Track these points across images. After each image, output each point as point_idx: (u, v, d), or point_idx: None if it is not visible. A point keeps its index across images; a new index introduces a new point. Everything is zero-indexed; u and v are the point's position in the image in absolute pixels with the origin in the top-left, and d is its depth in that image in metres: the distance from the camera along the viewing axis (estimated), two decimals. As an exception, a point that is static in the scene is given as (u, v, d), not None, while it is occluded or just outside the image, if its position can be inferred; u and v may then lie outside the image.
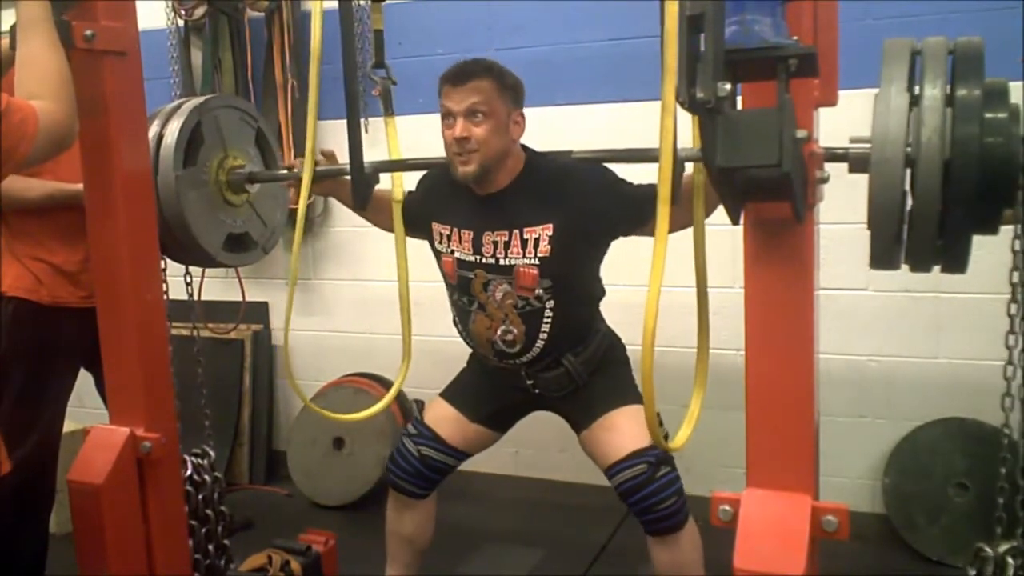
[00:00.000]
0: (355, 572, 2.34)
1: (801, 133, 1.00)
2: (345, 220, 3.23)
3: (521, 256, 1.86)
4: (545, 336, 1.89)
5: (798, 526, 1.16)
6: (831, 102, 1.27)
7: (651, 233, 1.06)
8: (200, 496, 1.91)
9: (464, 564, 2.56)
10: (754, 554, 1.15)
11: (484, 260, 1.89)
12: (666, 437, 1.25)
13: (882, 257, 1.18)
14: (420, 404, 3.12)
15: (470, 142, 1.80)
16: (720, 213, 1.21)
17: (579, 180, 1.85)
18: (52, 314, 2.06)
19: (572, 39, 2.87)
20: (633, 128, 2.69)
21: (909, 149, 1.09)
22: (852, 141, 1.20)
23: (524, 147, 1.94)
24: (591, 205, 1.83)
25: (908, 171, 1.10)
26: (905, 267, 1.20)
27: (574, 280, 1.90)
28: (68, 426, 2.23)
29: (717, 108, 0.91)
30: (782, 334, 1.22)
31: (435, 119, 1.90)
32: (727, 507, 1.20)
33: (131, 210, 1.63)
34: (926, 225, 1.11)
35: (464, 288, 1.94)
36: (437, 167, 1.95)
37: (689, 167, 1.45)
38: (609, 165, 1.89)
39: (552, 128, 2.88)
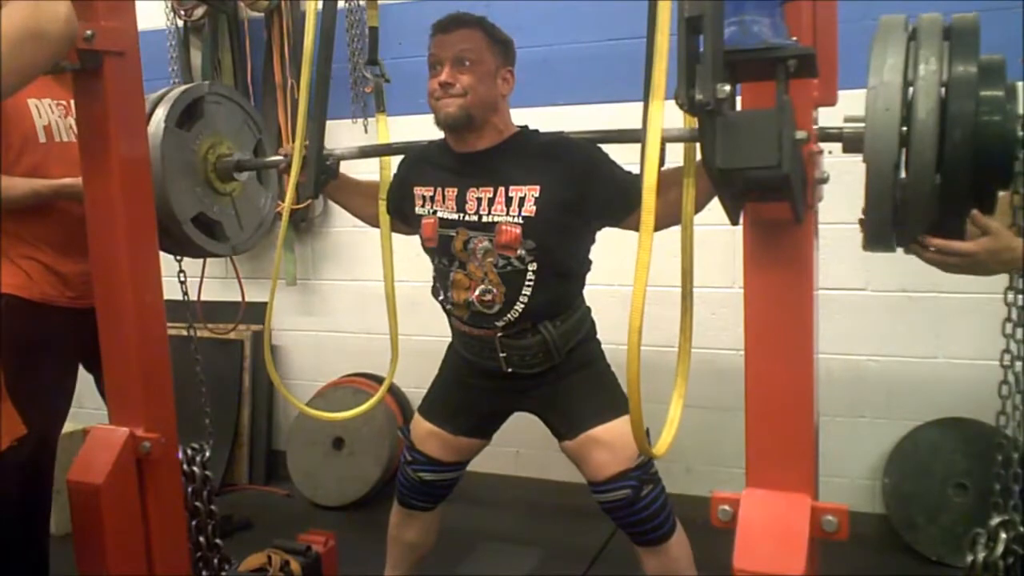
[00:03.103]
0: (355, 572, 2.34)
1: (801, 134, 1.00)
2: (345, 220, 3.22)
3: (504, 213, 1.80)
4: (525, 299, 1.82)
5: (798, 526, 1.16)
6: (830, 102, 1.27)
7: (636, 226, 1.05)
8: (189, 488, 1.88)
9: (464, 565, 2.56)
10: (754, 554, 1.15)
11: (467, 217, 1.84)
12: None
13: (877, 238, 1.17)
14: (406, 414, 3.13)
15: (455, 87, 1.77)
16: (719, 213, 1.21)
17: (573, 152, 1.81)
18: (42, 311, 2.06)
19: (572, 39, 2.88)
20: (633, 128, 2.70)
21: (904, 128, 1.08)
22: (847, 120, 1.18)
23: (523, 125, 1.92)
24: (581, 177, 1.78)
25: (904, 150, 1.09)
26: (904, 268, 1.20)
27: (558, 248, 1.83)
28: (68, 427, 2.23)
29: (716, 109, 0.91)
30: (782, 334, 1.22)
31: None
32: (727, 507, 1.20)
33: (130, 211, 1.62)
34: (920, 205, 1.10)
35: (444, 248, 1.88)
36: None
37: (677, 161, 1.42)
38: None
39: (551, 128, 2.88)
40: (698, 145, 1.08)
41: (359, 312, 3.28)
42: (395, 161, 2.08)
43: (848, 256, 2.34)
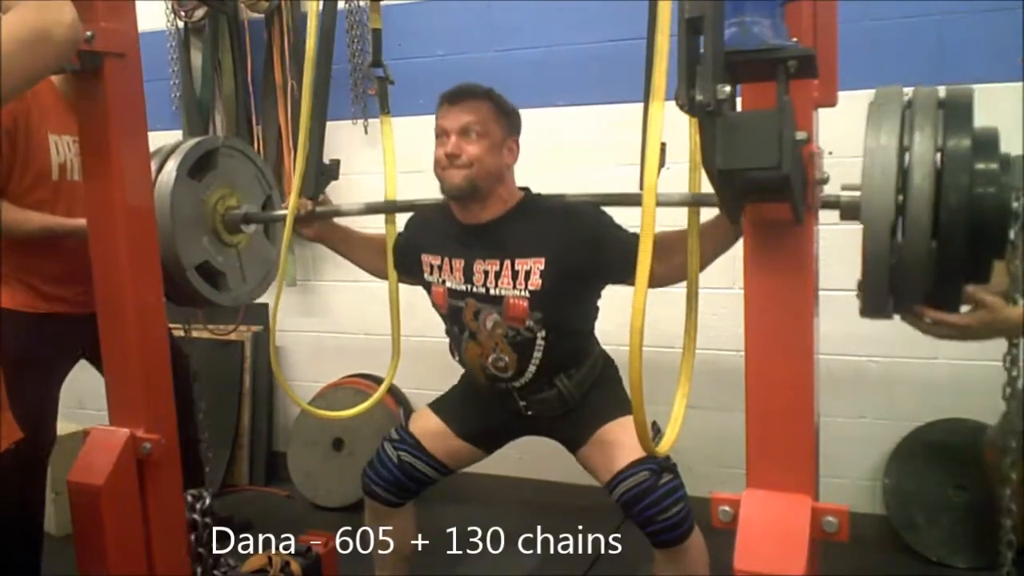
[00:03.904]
0: (354, 573, 2.33)
1: (801, 135, 1.00)
2: (345, 221, 3.23)
3: (511, 287, 1.84)
4: (537, 363, 1.89)
5: (798, 527, 1.16)
6: (831, 103, 1.27)
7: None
8: (192, 536, 1.88)
9: (464, 565, 2.56)
10: (754, 555, 1.15)
11: (475, 289, 1.88)
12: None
13: (873, 306, 1.20)
14: (407, 413, 3.13)
15: (461, 158, 1.80)
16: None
17: (575, 220, 1.84)
18: (23, 318, 2.10)
19: (571, 40, 2.88)
20: (631, 130, 2.70)
21: (900, 197, 1.10)
22: (844, 188, 1.22)
23: (525, 189, 1.94)
24: (584, 246, 1.81)
25: (900, 219, 1.12)
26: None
27: (565, 315, 1.88)
28: (68, 428, 2.23)
29: (716, 110, 0.91)
30: (782, 335, 1.22)
31: (434, 121, 1.91)
32: (727, 508, 1.20)
33: (130, 211, 1.62)
34: (916, 274, 1.13)
35: (455, 317, 1.94)
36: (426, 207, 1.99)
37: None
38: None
39: (551, 129, 2.89)
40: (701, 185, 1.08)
41: (359, 313, 3.28)
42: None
43: (848, 256, 2.34)
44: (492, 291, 1.86)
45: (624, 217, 1.83)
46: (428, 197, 1.99)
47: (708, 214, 1.53)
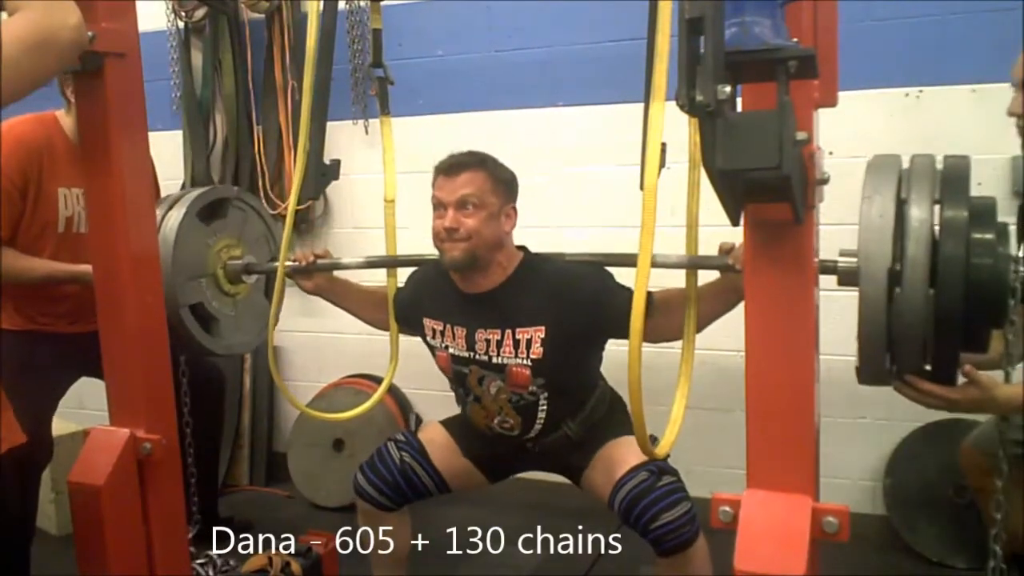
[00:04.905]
0: (354, 573, 2.33)
1: (801, 135, 1.00)
2: (345, 221, 3.23)
3: (513, 356, 1.85)
4: (542, 422, 1.91)
5: (799, 527, 1.16)
6: (831, 103, 1.27)
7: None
8: None
9: (464, 565, 2.56)
10: (754, 555, 1.15)
11: (478, 356, 1.89)
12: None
13: (870, 375, 1.20)
14: (418, 419, 3.13)
15: (459, 232, 1.80)
16: (720, 214, 1.21)
17: (574, 284, 1.83)
18: (21, 333, 2.14)
19: (571, 40, 2.88)
20: (631, 130, 2.70)
21: (897, 266, 1.11)
22: (841, 254, 1.24)
23: (523, 248, 1.94)
24: (584, 309, 1.80)
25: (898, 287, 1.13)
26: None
27: (567, 378, 1.89)
28: (69, 428, 2.23)
29: (717, 110, 0.91)
30: (782, 335, 1.22)
31: (434, 121, 1.91)
32: (727, 508, 1.20)
33: (131, 212, 1.62)
34: (912, 344, 1.13)
35: (460, 381, 1.95)
36: (428, 263, 2.01)
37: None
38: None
39: (551, 129, 2.89)
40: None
41: (359, 313, 3.28)
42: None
43: (848, 257, 2.34)
44: (495, 359, 1.87)
45: (626, 212, 1.83)
46: (426, 196, 1.99)
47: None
